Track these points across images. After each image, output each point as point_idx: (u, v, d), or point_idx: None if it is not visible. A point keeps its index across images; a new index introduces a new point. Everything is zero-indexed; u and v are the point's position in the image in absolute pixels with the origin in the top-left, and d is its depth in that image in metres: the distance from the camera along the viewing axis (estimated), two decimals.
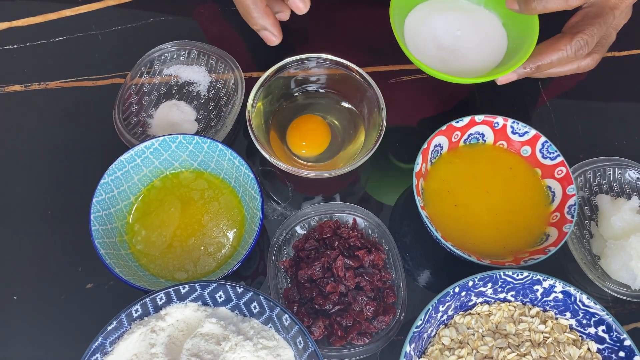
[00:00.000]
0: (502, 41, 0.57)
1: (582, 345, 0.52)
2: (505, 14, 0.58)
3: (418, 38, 0.57)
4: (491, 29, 0.58)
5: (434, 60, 0.56)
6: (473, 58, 0.56)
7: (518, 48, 0.55)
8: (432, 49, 0.56)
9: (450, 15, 0.58)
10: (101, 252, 0.52)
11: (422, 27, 0.57)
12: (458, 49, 0.56)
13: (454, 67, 0.56)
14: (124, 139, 0.62)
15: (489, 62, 0.56)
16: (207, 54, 0.67)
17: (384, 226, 0.58)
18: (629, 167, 0.63)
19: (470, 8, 0.59)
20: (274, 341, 0.48)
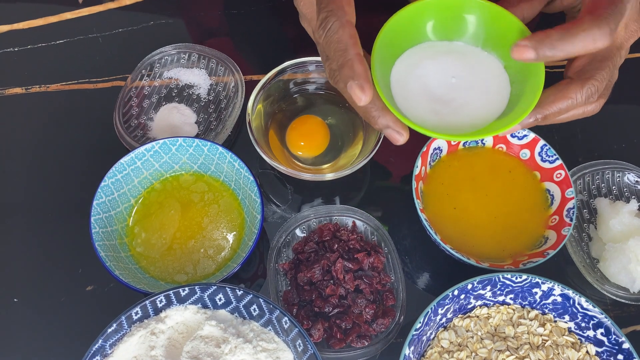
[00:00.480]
0: (504, 87, 0.49)
1: (580, 348, 0.52)
2: (506, 56, 0.49)
3: (407, 90, 0.48)
4: (491, 73, 0.49)
5: (427, 115, 0.47)
6: (471, 108, 0.48)
7: (522, 94, 0.48)
8: (424, 101, 0.48)
9: (444, 60, 0.49)
10: (101, 255, 0.52)
11: (412, 77, 0.49)
12: (454, 99, 0.48)
13: (450, 121, 0.48)
14: (124, 142, 0.62)
15: (489, 111, 0.48)
16: (207, 57, 0.68)
17: (383, 229, 0.59)
18: (628, 171, 0.63)
19: (466, 50, 0.50)
20: (273, 344, 0.48)
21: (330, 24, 0.44)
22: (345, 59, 0.43)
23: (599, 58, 0.49)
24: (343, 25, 0.44)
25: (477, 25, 0.49)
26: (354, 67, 0.42)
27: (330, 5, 0.44)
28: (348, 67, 0.42)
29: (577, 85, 0.48)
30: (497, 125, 0.47)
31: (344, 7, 0.44)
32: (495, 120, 0.48)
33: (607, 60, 0.49)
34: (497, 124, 0.47)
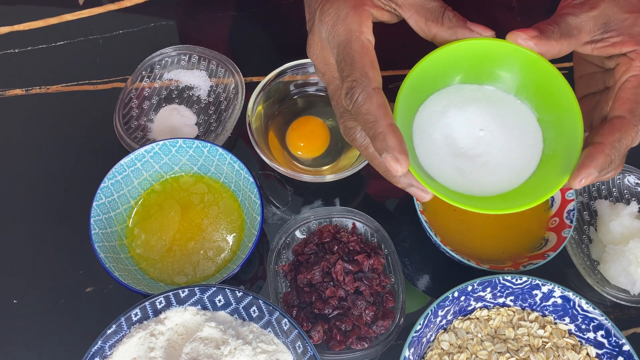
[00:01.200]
0: (537, 144, 0.44)
1: (581, 350, 0.52)
2: (541, 107, 0.44)
3: (431, 141, 0.44)
4: (523, 127, 0.44)
5: (451, 172, 0.43)
6: (499, 167, 0.43)
7: (555, 155, 0.43)
8: (448, 156, 0.43)
9: (472, 109, 0.44)
10: (101, 256, 0.52)
11: (436, 127, 0.44)
12: (480, 155, 0.43)
13: (475, 180, 0.43)
14: (124, 143, 0.62)
15: (518, 172, 0.43)
16: (207, 59, 0.68)
17: (384, 230, 0.59)
18: (628, 173, 0.63)
19: (497, 98, 0.45)
20: (273, 345, 0.48)
21: (357, 95, 0.41)
22: (377, 132, 0.40)
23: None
24: (370, 95, 0.41)
25: (511, 71, 0.44)
26: (386, 140, 0.40)
27: (354, 73, 0.41)
28: (380, 140, 0.40)
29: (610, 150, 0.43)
30: (527, 194, 0.42)
31: (368, 73, 0.41)
32: (524, 183, 0.43)
33: None
34: (528, 192, 0.42)
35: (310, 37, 0.46)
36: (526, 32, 0.42)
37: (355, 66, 0.42)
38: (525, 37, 0.42)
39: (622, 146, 0.42)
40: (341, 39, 0.43)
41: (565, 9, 0.44)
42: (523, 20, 0.74)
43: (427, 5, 0.43)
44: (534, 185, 0.43)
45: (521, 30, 0.42)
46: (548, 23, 0.43)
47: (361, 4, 0.43)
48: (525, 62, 0.43)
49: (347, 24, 0.43)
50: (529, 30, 0.42)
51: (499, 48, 0.43)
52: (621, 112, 0.43)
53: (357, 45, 0.42)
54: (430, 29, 0.43)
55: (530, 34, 0.42)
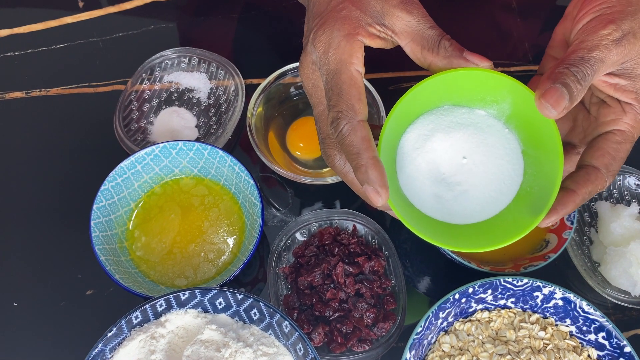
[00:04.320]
0: (517, 177, 0.44)
1: (582, 352, 0.52)
2: (528, 141, 0.43)
3: (413, 166, 0.44)
4: (506, 158, 0.44)
5: (427, 198, 0.44)
6: (475, 197, 0.43)
7: (533, 192, 0.43)
8: (427, 182, 0.44)
9: (459, 135, 0.43)
10: (101, 259, 0.52)
11: (420, 151, 0.44)
12: (459, 183, 0.43)
13: (449, 208, 0.43)
14: (124, 146, 0.62)
15: (492, 204, 0.43)
16: (207, 61, 0.68)
17: (384, 232, 0.58)
18: (629, 174, 0.63)
19: (486, 124, 0.44)
20: (273, 348, 0.48)
21: (342, 126, 0.42)
22: (359, 164, 0.41)
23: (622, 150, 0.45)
24: (354, 128, 0.41)
25: (504, 101, 0.43)
26: (368, 173, 0.40)
27: (341, 104, 0.42)
28: (362, 172, 0.41)
29: (603, 181, 0.44)
30: (498, 228, 0.43)
31: (354, 105, 0.42)
32: (496, 216, 0.44)
33: (626, 151, 0.45)
34: (498, 226, 0.43)
35: (303, 57, 0.46)
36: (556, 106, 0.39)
37: (342, 97, 0.42)
38: (555, 114, 0.39)
39: (590, 196, 0.43)
40: (331, 68, 0.43)
41: (597, 42, 0.41)
42: (522, 22, 0.74)
43: (423, 33, 0.43)
44: (506, 219, 0.43)
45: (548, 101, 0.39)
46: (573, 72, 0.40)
47: (354, 34, 0.43)
48: (519, 97, 0.42)
49: (338, 54, 0.43)
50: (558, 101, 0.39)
51: (494, 80, 0.42)
52: (598, 164, 0.43)
53: (346, 76, 0.42)
54: (426, 58, 0.43)
55: (561, 107, 0.39)
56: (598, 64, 0.40)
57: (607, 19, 0.41)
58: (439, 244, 0.42)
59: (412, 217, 0.43)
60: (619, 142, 0.44)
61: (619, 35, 0.41)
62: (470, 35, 0.68)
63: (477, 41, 0.63)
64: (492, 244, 0.42)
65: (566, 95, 0.39)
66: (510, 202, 0.44)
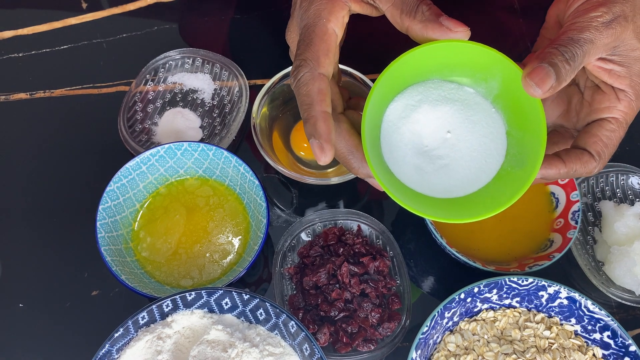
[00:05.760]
0: (498, 157, 0.44)
1: (587, 351, 0.52)
2: (513, 122, 0.43)
3: (397, 136, 0.43)
4: (490, 137, 0.43)
5: (408, 169, 0.43)
6: (455, 172, 0.43)
7: (513, 173, 0.43)
8: (410, 153, 0.43)
9: (446, 109, 0.43)
10: (107, 259, 0.52)
11: (406, 121, 0.43)
12: (441, 157, 0.43)
13: (429, 181, 0.43)
14: (128, 147, 0.62)
15: (472, 181, 0.43)
16: (211, 62, 0.68)
17: (389, 232, 0.59)
18: (632, 174, 0.64)
19: (473, 102, 0.44)
20: (280, 348, 0.48)
21: (302, 74, 0.41)
22: (310, 115, 0.41)
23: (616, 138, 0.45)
24: (314, 78, 0.41)
25: (494, 79, 0.43)
26: (316, 126, 0.40)
27: (306, 53, 0.42)
28: (311, 124, 0.40)
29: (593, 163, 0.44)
30: (474, 204, 0.43)
31: (320, 57, 0.41)
32: (474, 193, 0.43)
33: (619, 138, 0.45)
34: (474, 203, 0.43)
35: (290, 21, 0.46)
36: (541, 85, 0.39)
37: (310, 48, 0.42)
38: (540, 94, 0.39)
39: (576, 174, 0.44)
40: (308, 22, 0.43)
41: (587, 23, 0.41)
42: (525, 22, 0.74)
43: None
44: (484, 196, 0.43)
45: (533, 80, 0.39)
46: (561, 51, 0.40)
47: None
48: (508, 73, 0.42)
49: (317, 10, 0.42)
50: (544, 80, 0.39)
51: (484, 54, 0.41)
52: (591, 149, 0.44)
53: (319, 30, 0.42)
54: (404, 22, 0.42)
55: (546, 87, 0.39)
56: (588, 44, 0.40)
57: (599, 2, 0.41)
58: (415, 212, 0.41)
59: (391, 185, 0.42)
60: (612, 130, 0.44)
61: (609, 17, 0.41)
62: (473, 36, 0.68)
63: (479, 42, 0.63)
64: (469, 216, 0.42)
65: (552, 75, 0.39)
66: (490, 181, 0.44)
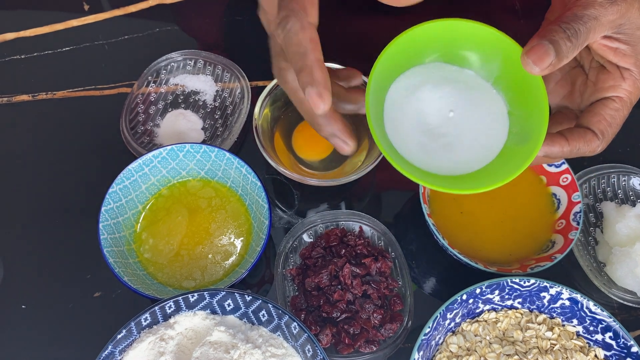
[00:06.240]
0: (501, 135, 0.45)
1: (589, 352, 0.52)
2: (514, 101, 0.44)
3: (401, 113, 0.44)
4: (493, 117, 0.45)
5: (411, 145, 0.44)
6: (458, 150, 0.44)
7: (516, 150, 0.44)
8: (414, 130, 0.44)
9: (447, 89, 0.44)
10: (110, 261, 0.52)
11: (409, 100, 0.44)
12: (445, 135, 0.44)
13: (432, 158, 0.44)
14: (131, 148, 0.62)
15: (476, 159, 0.44)
16: (213, 64, 0.68)
17: (390, 234, 0.59)
18: (633, 175, 0.64)
19: (474, 84, 0.45)
20: (282, 349, 0.48)
21: (290, 24, 0.41)
22: (304, 64, 0.40)
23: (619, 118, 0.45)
24: (304, 27, 0.41)
25: (494, 60, 0.44)
26: (313, 74, 0.40)
27: (293, 4, 0.41)
28: (307, 72, 0.40)
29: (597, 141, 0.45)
30: (477, 180, 0.43)
31: (307, 7, 0.41)
32: (478, 170, 0.44)
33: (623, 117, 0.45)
34: (478, 179, 0.43)
35: None
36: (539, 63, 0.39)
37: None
38: (538, 71, 0.40)
39: (579, 152, 0.44)
40: None
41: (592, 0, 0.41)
42: (526, 23, 0.74)
43: None
44: (486, 173, 0.44)
45: (531, 57, 0.39)
46: (563, 28, 0.40)
47: None
48: (509, 53, 0.42)
49: None
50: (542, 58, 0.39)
51: (485, 33, 0.42)
52: (594, 128, 0.44)
53: None
54: None
55: (544, 64, 0.39)
56: (592, 21, 0.40)
57: None
58: (417, 180, 0.42)
59: (395, 158, 0.42)
60: (616, 109, 0.44)
61: None
62: None
63: None
64: (471, 188, 0.42)
65: (552, 52, 0.39)
66: (493, 159, 0.44)
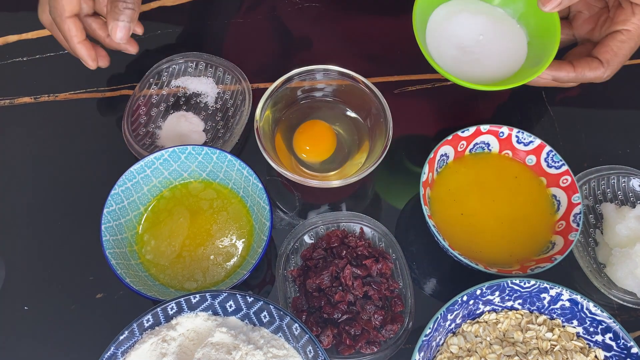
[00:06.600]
0: (521, 56, 0.58)
1: (589, 353, 0.53)
2: (533, 34, 0.58)
3: (440, 30, 0.57)
4: (514, 42, 0.58)
5: (446, 57, 0.56)
6: (484, 65, 0.57)
7: (530, 69, 0.56)
8: (448, 44, 0.57)
9: (480, 19, 0.58)
10: (112, 263, 0.53)
11: (449, 22, 0.58)
12: (474, 52, 0.57)
13: (463, 69, 0.56)
14: (132, 150, 0.62)
15: (499, 71, 0.57)
16: (214, 66, 0.68)
17: (391, 235, 0.59)
18: (633, 176, 0.64)
19: (502, 18, 0.59)
20: (284, 350, 0.48)
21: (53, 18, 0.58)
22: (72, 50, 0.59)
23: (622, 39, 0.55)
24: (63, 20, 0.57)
25: (519, 1, 0.58)
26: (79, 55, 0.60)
27: None
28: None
29: (602, 68, 0.55)
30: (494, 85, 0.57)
31: None
32: (501, 81, 0.57)
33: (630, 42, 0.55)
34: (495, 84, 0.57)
35: None
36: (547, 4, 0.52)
37: None
38: (548, 9, 0.52)
39: (585, 78, 0.55)
40: None
41: None
42: None
43: None
44: (501, 83, 0.57)
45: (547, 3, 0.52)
46: None
47: None
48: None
49: None
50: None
51: None
52: (601, 57, 0.54)
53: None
54: None
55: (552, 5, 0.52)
56: None
57: None
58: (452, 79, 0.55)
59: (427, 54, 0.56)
60: (622, 41, 0.53)
61: None
62: None
63: None
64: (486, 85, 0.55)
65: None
66: (511, 75, 0.57)
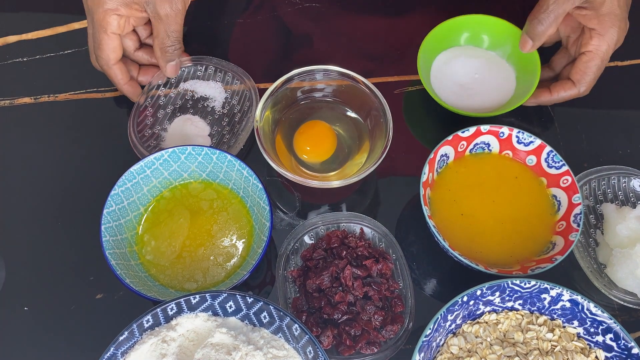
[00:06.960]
0: (511, 89, 0.68)
1: (590, 354, 0.53)
2: (521, 69, 0.68)
3: (441, 74, 0.69)
4: (504, 78, 0.69)
5: (449, 94, 0.67)
6: (482, 97, 0.68)
7: (518, 97, 0.66)
8: (450, 84, 0.68)
9: (476, 61, 0.69)
10: (112, 263, 0.53)
11: (448, 65, 0.69)
12: (472, 88, 0.68)
13: (465, 103, 0.67)
14: (137, 151, 0.62)
15: (493, 103, 0.67)
16: (223, 70, 0.68)
17: (391, 235, 0.59)
18: (634, 176, 0.64)
19: (494, 59, 0.70)
20: (284, 351, 0.48)
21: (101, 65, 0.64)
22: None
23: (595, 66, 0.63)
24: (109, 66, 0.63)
25: (507, 45, 0.69)
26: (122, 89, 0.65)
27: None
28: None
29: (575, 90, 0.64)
30: (503, 108, 0.66)
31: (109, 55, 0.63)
32: (494, 110, 0.66)
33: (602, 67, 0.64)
34: (495, 110, 0.66)
35: None
36: (524, 47, 0.65)
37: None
38: (525, 51, 0.65)
39: (563, 98, 0.65)
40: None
41: None
42: None
43: None
44: (499, 110, 0.66)
45: (520, 45, 0.65)
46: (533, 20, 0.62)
47: None
48: (516, 38, 0.67)
49: None
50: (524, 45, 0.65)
51: (501, 25, 0.69)
52: (573, 78, 0.63)
53: None
54: None
55: (527, 48, 0.65)
56: (555, 6, 0.60)
57: None
58: (454, 110, 0.65)
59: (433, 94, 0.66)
60: (586, 61, 0.62)
61: None
62: None
63: None
64: (481, 113, 0.66)
65: (529, 39, 0.64)
66: (503, 104, 0.67)
